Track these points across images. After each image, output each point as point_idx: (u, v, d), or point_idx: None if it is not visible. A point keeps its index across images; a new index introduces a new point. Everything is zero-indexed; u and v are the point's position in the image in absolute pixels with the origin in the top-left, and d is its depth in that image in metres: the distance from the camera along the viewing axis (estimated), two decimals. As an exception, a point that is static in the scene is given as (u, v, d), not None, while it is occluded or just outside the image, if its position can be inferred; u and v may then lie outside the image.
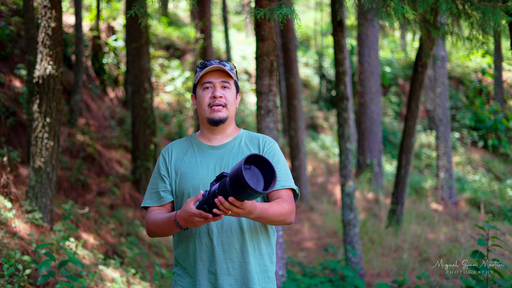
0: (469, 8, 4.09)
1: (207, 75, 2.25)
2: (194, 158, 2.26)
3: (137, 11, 3.19)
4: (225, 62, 2.28)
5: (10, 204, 4.42)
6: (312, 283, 4.94)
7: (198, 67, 2.29)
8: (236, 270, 2.17)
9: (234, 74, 2.30)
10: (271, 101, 4.49)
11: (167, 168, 2.28)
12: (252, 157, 1.85)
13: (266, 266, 2.23)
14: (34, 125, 4.54)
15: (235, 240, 2.16)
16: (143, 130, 7.57)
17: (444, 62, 10.67)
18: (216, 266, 2.16)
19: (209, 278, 2.17)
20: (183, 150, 2.31)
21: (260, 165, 1.89)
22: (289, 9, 3.23)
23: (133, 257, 5.60)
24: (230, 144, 2.28)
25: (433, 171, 13.06)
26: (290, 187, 2.23)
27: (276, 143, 2.34)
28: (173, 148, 2.32)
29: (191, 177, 2.21)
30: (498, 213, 9.28)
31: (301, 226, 8.68)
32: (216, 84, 2.23)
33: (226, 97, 2.24)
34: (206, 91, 2.24)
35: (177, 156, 2.29)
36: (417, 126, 7.20)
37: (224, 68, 2.23)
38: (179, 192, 2.24)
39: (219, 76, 2.24)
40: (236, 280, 2.17)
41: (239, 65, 17.27)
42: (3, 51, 7.29)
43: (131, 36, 7.85)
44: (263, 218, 2.06)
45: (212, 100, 2.22)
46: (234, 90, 2.30)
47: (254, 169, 1.89)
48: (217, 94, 2.22)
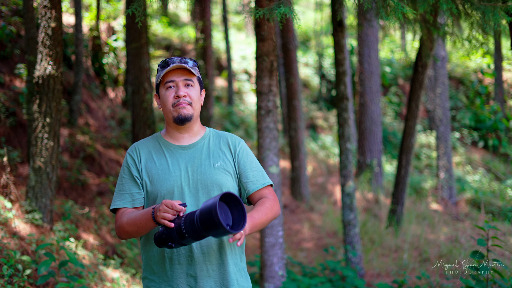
0: (469, 8, 4.09)
1: (169, 74, 2.20)
2: (165, 160, 2.21)
3: (134, 10, 3.19)
4: (187, 59, 2.24)
5: (10, 204, 4.42)
6: (312, 283, 4.94)
7: (159, 66, 2.25)
8: (215, 272, 2.15)
9: (197, 70, 2.26)
10: (271, 101, 4.49)
11: (138, 169, 2.22)
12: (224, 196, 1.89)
13: (240, 264, 2.24)
14: (34, 125, 4.53)
15: (213, 241, 2.14)
16: (143, 130, 7.57)
17: (444, 62, 10.67)
18: (195, 269, 2.12)
19: (188, 282, 2.13)
20: (151, 150, 2.25)
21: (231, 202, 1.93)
22: (288, 9, 3.23)
23: (133, 257, 5.60)
24: (200, 143, 2.26)
25: (433, 171, 13.06)
26: (269, 184, 2.30)
27: (244, 141, 2.33)
28: (140, 149, 2.25)
29: (164, 179, 2.17)
30: (498, 213, 9.28)
31: (301, 226, 8.68)
32: (179, 82, 2.20)
33: (190, 95, 2.20)
34: (169, 91, 2.20)
35: (146, 157, 2.23)
36: (417, 126, 7.19)
37: (186, 66, 2.18)
38: (151, 194, 2.19)
39: (181, 74, 2.20)
40: (215, 281, 2.15)
41: (239, 65, 17.28)
42: (3, 51, 7.29)
43: (131, 36, 7.84)
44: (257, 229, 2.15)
45: (176, 99, 2.19)
46: (198, 87, 2.26)
47: (223, 206, 1.93)
48: (181, 94, 2.18)
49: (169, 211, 1.93)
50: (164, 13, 17.63)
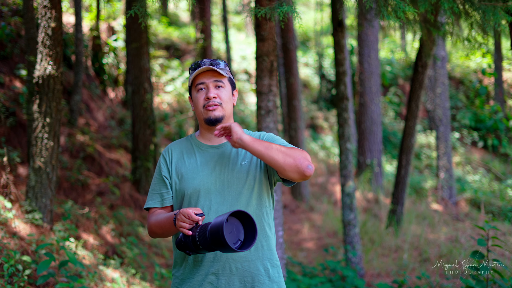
0: (469, 8, 4.08)
1: (199, 76, 2.24)
2: (194, 159, 2.26)
3: (137, 11, 3.18)
4: (219, 60, 2.26)
5: (10, 204, 4.42)
6: (312, 283, 4.94)
7: (190, 68, 2.28)
8: (239, 270, 2.16)
9: (227, 71, 2.28)
10: (271, 101, 4.48)
11: (168, 169, 2.27)
12: (237, 213, 1.92)
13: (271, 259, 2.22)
14: (34, 125, 4.53)
15: None
16: (143, 130, 7.57)
17: (444, 62, 10.67)
18: (218, 266, 2.15)
19: (210, 279, 2.16)
20: (183, 150, 2.30)
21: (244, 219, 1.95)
22: (290, 7, 3.23)
23: (133, 257, 5.60)
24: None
25: (433, 171, 13.06)
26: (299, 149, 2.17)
27: (272, 133, 2.33)
28: (173, 149, 2.31)
29: (191, 178, 2.21)
30: (498, 213, 9.27)
31: (301, 226, 8.68)
32: (209, 84, 2.22)
33: (220, 96, 2.23)
34: (200, 93, 2.24)
35: (177, 157, 2.28)
36: (417, 126, 7.19)
37: (214, 68, 2.21)
38: (179, 193, 2.24)
39: (211, 76, 2.23)
40: (239, 279, 2.15)
41: (239, 65, 17.26)
42: (3, 51, 7.28)
43: (131, 36, 7.85)
44: (260, 149, 2.03)
45: (206, 101, 2.22)
46: (229, 88, 2.28)
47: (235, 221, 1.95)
48: (211, 95, 2.21)
49: (186, 221, 1.98)
50: (164, 13, 17.62)
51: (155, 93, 12.43)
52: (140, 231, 6.45)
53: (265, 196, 2.23)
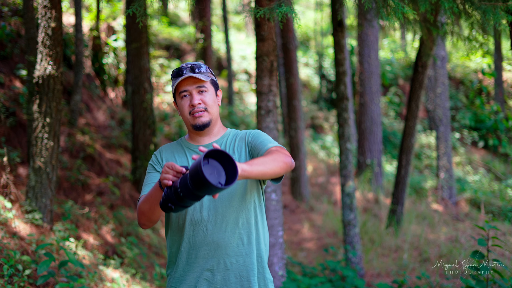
0: (469, 7, 4.08)
1: (182, 83, 2.25)
2: (185, 158, 2.30)
3: (135, 10, 3.19)
4: (199, 63, 2.27)
5: (10, 204, 4.42)
6: (312, 283, 4.94)
7: (172, 75, 2.29)
8: (233, 265, 2.18)
9: (209, 73, 2.29)
10: (271, 101, 4.49)
11: (161, 164, 2.32)
12: (212, 152, 1.85)
13: (262, 257, 2.24)
14: (34, 125, 4.53)
15: (229, 235, 2.17)
16: (143, 130, 7.57)
17: (444, 62, 10.67)
18: (213, 262, 2.17)
19: (206, 276, 2.18)
20: (173, 151, 2.35)
21: (222, 159, 1.88)
22: (289, 8, 3.23)
23: (133, 257, 5.60)
24: (218, 142, 2.31)
25: (433, 171, 13.06)
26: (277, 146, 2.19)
27: (259, 130, 2.35)
28: (164, 150, 2.36)
29: None
30: (498, 213, 9.27)
31: (301, 226, 8.68)
32: (192, 91, 2.24)
33: (205, 101, 2.25)
34: (184, 100, 2.26)
35: (168, 156, 2.33)
36: (417, 126, 7.19)
37: (195, 76, 2.21)
38: None
39: (193, 83, 2.24)
40: (235, 275, 2.17)
41: (239, 65, 17.27)
42: (3, 51, 7.28)
43: (131, 36, 7.84)
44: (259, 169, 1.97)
45: (192, 108, 2.24)
46: (212, 90, 2.29)
47: (215, 163, 1.88)
48: (195, 102, 2.22)
49: (169, 172, 1.95)
50: (164, 13, 17.63)
51: (155, 93, 12.44)
52: (140, 231, 6.45)
53: (255, 192, 2.26)
